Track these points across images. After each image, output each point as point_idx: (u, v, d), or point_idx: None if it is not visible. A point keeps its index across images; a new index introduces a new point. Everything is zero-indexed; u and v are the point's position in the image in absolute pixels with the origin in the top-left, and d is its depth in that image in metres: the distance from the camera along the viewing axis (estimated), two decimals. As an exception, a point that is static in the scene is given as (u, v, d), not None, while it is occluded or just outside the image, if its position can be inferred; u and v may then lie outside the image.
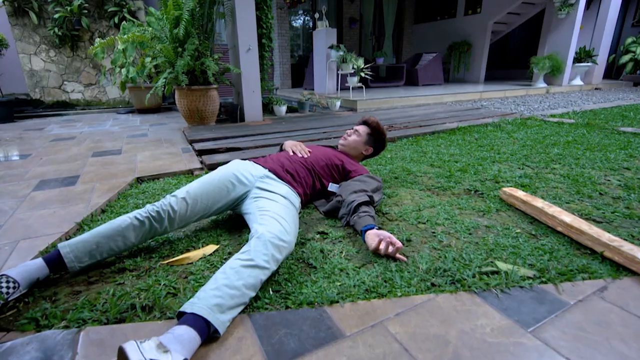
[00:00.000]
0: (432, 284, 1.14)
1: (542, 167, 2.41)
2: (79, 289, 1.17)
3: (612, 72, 10.45)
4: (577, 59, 8.02)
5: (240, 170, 1.52)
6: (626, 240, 1.40)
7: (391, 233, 1.50)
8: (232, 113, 4.20)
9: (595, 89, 8.43)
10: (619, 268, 1.20)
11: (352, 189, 1.58)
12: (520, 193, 1.75)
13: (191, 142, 3.04)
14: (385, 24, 10.07)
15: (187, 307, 0.92)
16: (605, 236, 1.29)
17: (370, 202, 1.53)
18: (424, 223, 1.59)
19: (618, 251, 1.21)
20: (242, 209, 1.49)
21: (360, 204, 1.48)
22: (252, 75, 3.96)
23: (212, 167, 2.40)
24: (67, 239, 1.47)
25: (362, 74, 5.13)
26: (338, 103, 4.96)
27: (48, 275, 1.18)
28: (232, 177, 1.48)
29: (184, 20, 3.23)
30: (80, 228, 1.58)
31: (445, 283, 1.14)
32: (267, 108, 4.55)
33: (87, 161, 2.59)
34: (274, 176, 1.54)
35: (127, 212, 1.73)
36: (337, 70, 5.63)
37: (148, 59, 4.04)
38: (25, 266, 1.14)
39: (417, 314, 0.99)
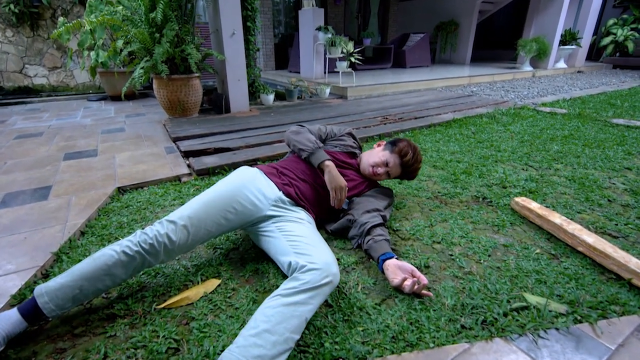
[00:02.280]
0: (462, 326, 1.05)
1: (545, 167, 2.36)
2: (62, 345, 1.01)
3: (592, 53, 10.57)
4: (562, 42, 8.01)
5: (251, 190, 1.28)
6: (647, 260, 1.36)
7: (406, 255, 1.41)
8: (216, 103, 3.93)
9: (578, 71, 8.51)
10: (649, 298, 1.15)
11: (365, 208, 1.46)
12: (534, 205, 1.67)
13: (175, 140, 2.80)
14: (371, 1, 9.69)
15: (226, 356, 0.83)
16: (633, 262, 1.23)
17: (383, 223, 1.42)
18: (439, 242, 1.50)
19: (649, 280, 1.16)
20: (256, 229, 1.32)
21: (374, 227, 1.37)
22: (238, 62, 3.68)
23: (202, 172, 2.21)
24: (43, 276, 1.30)
25: (352, 59, 4.90)
26: (328, 90, 4.74)
27: (25, 329, 1.00)
28: (243, 198, 1.25)
29: (161, 3, 2.90)
30: (57, 259, 1.39)
31: (476, 324, 1.06)
32: (254, 96, 4.29)
33: (60, 166, 2.34)
34: (288, 200, 1.36)
35: (110, 234, 1.57)
36: (325, 54, 5.36)
37: (120, 42, 3.67)
38: (1, 321, 0.96)
39: (455, 372, 0.90)
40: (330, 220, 1.56)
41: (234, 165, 2.31)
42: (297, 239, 1.14)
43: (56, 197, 1.88)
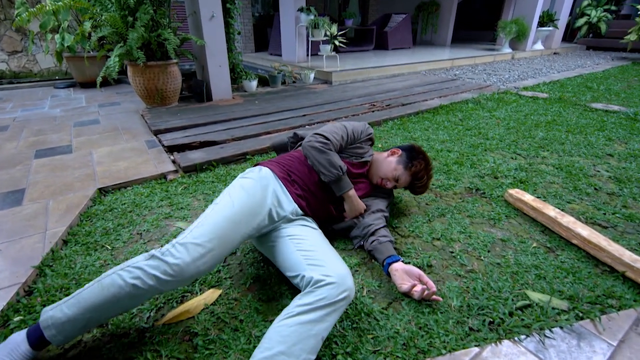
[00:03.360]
0: (470, 328, 1.06)
1: (532, 155, 2.40)
2: (56, 372, 0.95)
3: (567, 34, 10.78)
4: (540, 23, 8.10)
5: (272, 201, 1.18)
6: (635, 250, 1.42)
7: (408, 254, 1.40)
8: (196, 90, 3.74)
9: (554, 53, 8.67)
10: (642, 290, 1.20)
11: (369, 209, 1.43)
12: (528, 197, 1.70)
13: (156, 133, 2.66)
14: (352, -20, 9.40)
15: None
16: (626, 255, 1.27)
17: (386, 225, 1.40)
18: (439, 239, 1.50)
19: (643, 274, 1.20)
20: (264, 237, 1.24)
21: (378, 229, 1.34)
22: (218, 47, 3.50)
23: (188, 169, 2.11)
24: (26, 293, 1.20)
25: (336, 42, 4.77)
26: (312, 75, 4.61)
27: (34, 356, 0.92)
28: (265, 211, 1.15)
29: (132, -18, 2.67)
30: (40, 273, 1.29)
31: (483, 325, 1.07)
32: (235, 82, 4.12)
33: (31, 165, 2.17)
34: (301, 212, 1.28)
35: (96, 241, 1.48)
36: (308, 36, 5.18)
37: (87, 24, 3.38)
38: (12, 352, 0.88)
39: (469, 378, 0.91)
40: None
41: (222, 161, 2.21)
42: (309, 248, 1.08)
43: (31, 201, 1.74)
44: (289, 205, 1.23)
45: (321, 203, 1.33)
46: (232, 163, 2.26)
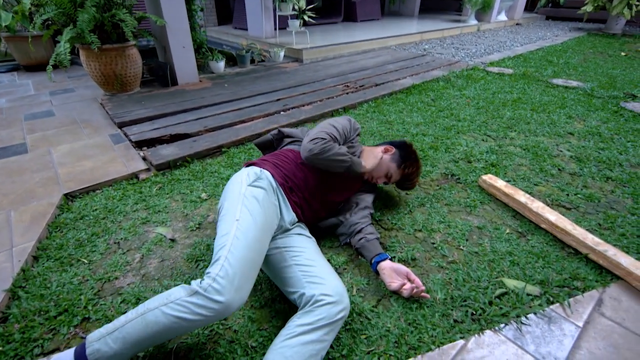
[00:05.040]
0: (455, 320, 1.13)
1: (501, 136, 2.50)
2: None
3: (528, 4, 10.99)
4: (504, -7, 8.17)
5: (277, 212, 1.19)
6: (595, 230, 1.55)
7: (392, 248, 1.45)
8: (158, 72, 3.50)
9: (517, 24, 8.85)
10: (602, 271, 1.32)
11: (356, 206, 1.46)
12: (500, 183, 1.78)
13: (121, 125, 2.48)
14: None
15: None
16: (589, 238, 1.39)
17: (372, 222, 1.43)
18: (421, 230, 1.56)
19: (603, 256, 1.32)
20: None
21: (364, 226, 1.37)
22: (180, 26, 3.25)
23: (162, 167, 2.01)
24: (0, 320, 1.13)
25: (305, 18, 4.57)
26: (282, 53, 4.43)
27: None
28: (275, 225, 1.16)
29: (76, -45, 2.37)
30: (13, 296, 1.21)
31: (466, 316, 1.14)
32: (201, 63, 3.89)
33: (-18, 169, 1.97)
34: (296, 220, 1.30)
35: (70, 255, 1.40)
36: (275, 10, 4.93)
37: (27, 2, 3.01)
38: None
39: (457, 371, 0.98)
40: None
41: (197, 156, 2.13)
42: (307, 262, 1.09)
43: (-11, 213, 1.60)
44: (288, 215, 1.24)
45: (314, 210, 1.35)
46: (207, 157, 2.18)
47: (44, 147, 2.21)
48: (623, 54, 5.38)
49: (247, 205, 1.08)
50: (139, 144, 2.23)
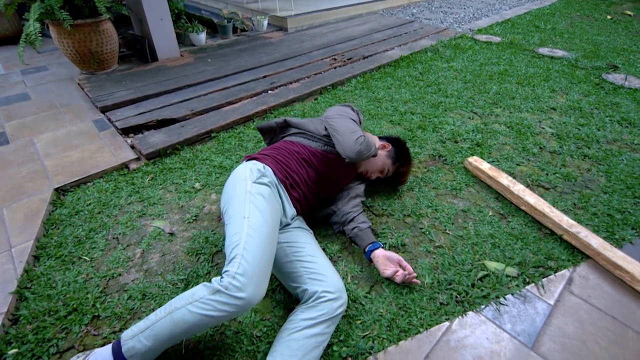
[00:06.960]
0: (441, 303, 1.24)
1: (487, 113, 2.55)
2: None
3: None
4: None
5: (280, 210, 1.24)
6: (570, 210, 1.66)
7: (383, 235, 1.53)
8: (135, 46, 3.33)
9: (506, -18, 8.58)
10: (574, 251, 1.44)
11: (348, 195, 1.52)
12: (485, 166, 1.86)
13: (103, 110, 2.41)
14: None
15: None
16: (564, 220, 1.50)
17: (363, 211, 1.50)
18: (409, 216, 1.64)
19: (575, 237, 1.43)
20: None
21: (357, 215, 1.44)
22: (156, -3, 3.05)
23: (152, 155, 2.00)
24: (11, 322, 1.18)
25: (288, -18, 4.33)
26: (265, 22, 4.24)
27: None
28: (279, 221, 1.21)
29: None
30: (20, 297, 1.25)
31: (451, 299, 1.25)
32: (181, 36, 3.69)
33: (-37, 163, 1.92)
34: (296, 214, 1.36)
35: (71, 253, 1.43)
36: (255, -27, 4.63)
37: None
38: None
39: (442, 351, 1.10)
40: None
41: (186, 142, 2.11)
42: (308, 258, 1.16)
43: (-20, 212, 1.59)
44: (290, 211, 1.30)
45: (312, 205, 1.41)
46: (197, 143, 2.16)
47: (25, 137, 2.14)
48: (609, 17, 5.36)
49: (255, 202, 1.10)
50: (125, 131, 2.18)
